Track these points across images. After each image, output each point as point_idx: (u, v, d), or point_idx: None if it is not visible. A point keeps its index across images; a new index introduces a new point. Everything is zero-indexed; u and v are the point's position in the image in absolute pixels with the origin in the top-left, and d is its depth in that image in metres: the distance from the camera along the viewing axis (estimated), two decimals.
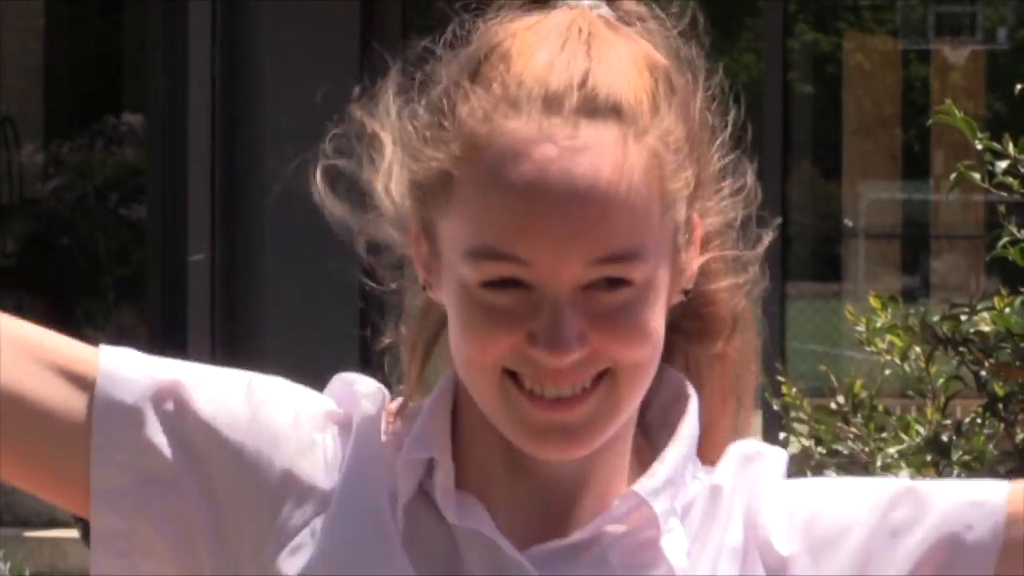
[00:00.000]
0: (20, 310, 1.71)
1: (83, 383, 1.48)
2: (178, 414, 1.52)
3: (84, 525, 5.78)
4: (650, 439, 1.52)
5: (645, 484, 1.44)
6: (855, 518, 1.55)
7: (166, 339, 10.94)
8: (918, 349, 5.25)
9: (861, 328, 5.49)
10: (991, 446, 5.02)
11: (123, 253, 12.45)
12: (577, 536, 1.44)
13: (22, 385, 1.49)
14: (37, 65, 13.87)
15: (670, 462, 1.47)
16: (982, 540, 1.52)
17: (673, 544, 1.45)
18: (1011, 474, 4.78)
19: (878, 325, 5.33)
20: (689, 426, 1.49)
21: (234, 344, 10.75)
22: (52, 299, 13.30)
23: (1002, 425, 5.04)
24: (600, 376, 1.37)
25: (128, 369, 1.54)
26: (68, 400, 1.49)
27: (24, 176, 13.84)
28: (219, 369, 1.61)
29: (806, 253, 10.02)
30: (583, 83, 1.38)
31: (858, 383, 5.36)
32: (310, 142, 1.44)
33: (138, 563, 1.49)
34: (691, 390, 1.50)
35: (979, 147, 4.97)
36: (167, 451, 1.49)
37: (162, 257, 11.45)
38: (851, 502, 1.57)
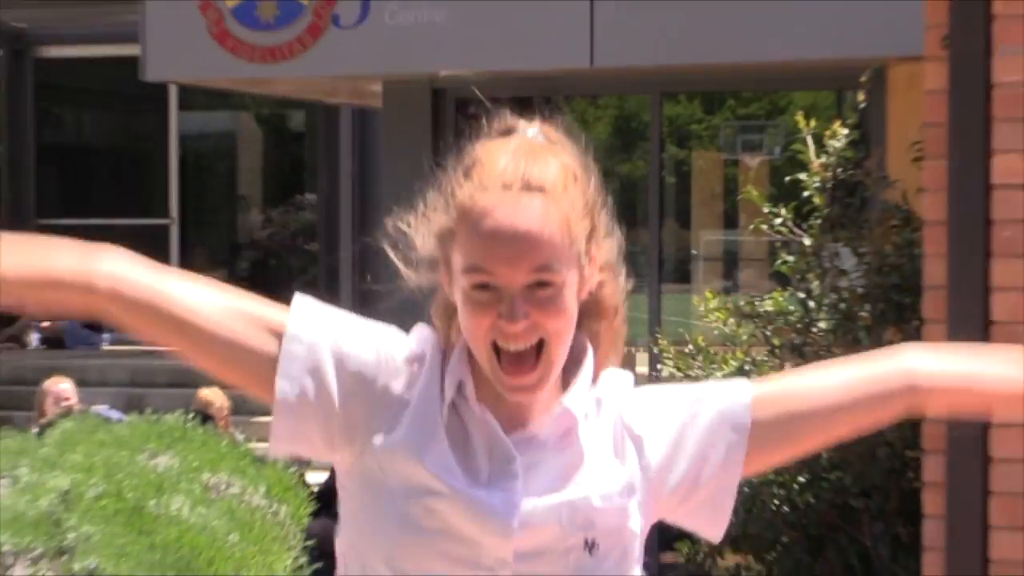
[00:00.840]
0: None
1: (276, 332, 2.00)
2: (325, 354, 2.00)
3: None
4: (567, 373, 1.99)
5: (568, 399, 1.99)
6: (676, 408, 2.11)
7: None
8: (732, 320, 7.80)
9: (702, 309, 8.30)
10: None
11: (304, 270, 19.57)
12: (533, 429, 2.00)
13: (246, 334, 2.02)
14: (259, 165, 21.23)
15: (580, 387, 2.00)
16: (739, 408, 2.11)
17: (584, 430, 2.01)
18: None
19: (711, 307, 8.02)
20: (587, 367, 2.00)
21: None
22: (266, 294, 18.58)
23: (778, 361, 7.39)
24: (539, 347, 1.88)
25: (304, 325, 2.05)
26: (266, 342, 2.00)
27: (251, 227, 20.96)
28: (361, 320, 2.09)
29: (673, 268, 13.87)
30: (523, 175, 1.90)
31: (699, 338, 7.90)
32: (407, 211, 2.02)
33: (299, 439, 2.01)
34: (589, 346, 2.02)
35: (765, 210, 7.90)
36: (322, 376, 1.98)
37: (326, 272, 18.47)
38: (673, 399, 2.13)
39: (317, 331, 2.10)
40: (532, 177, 1.99)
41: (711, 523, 2.20)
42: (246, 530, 7.75)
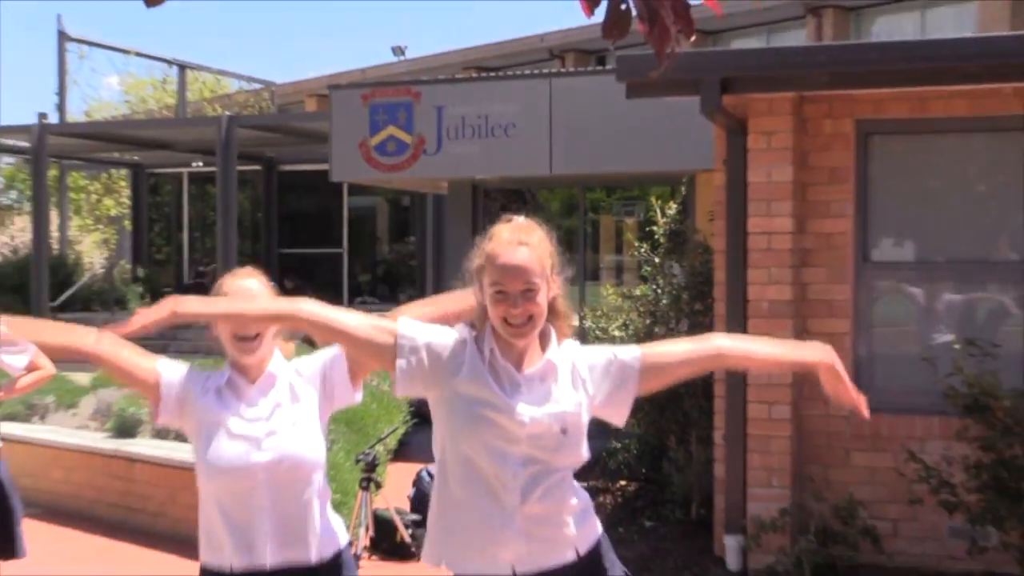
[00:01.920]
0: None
1: (392, 333, 2.61)
2: (420, 344, 2.62)
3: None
4: (542, 343, 2.66)
5: (548, 353, 2.61)
6: (601, 360, 2.74)
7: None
8: (619, 299, 9.03)
9: (605, 294, 10.08)
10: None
11: (409, 276, 21.47)
12: (528, 371, 2.61)
13: (379, 338, 2.64)
14: (386, 222, 23.78)
15: (552, 350, 2.64)
16: (633, 360, 2.73)
17: (559, 378, 2.62)
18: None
19: (609, 293, 9.65)
20: (554, 341, 2.66)
21: None
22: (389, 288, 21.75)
23: (642, 320, 8.38)
24: (528, 320, 2.56)
25: (407, 330, 2.62)
26: (387, 340, 2.62)
27: (383, 254, 23.51)
28: (432, 325, 2.72)
29: (591, 273, 14.17)
30: (518, 237, 2.59)
31: (603, 308, 9.21)
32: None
33: (410, 389, 2.65)
34: (553, 330, 2.68)
35: (637, 244, 9.20)
36: (419, 357, 2.60)
37: (420, 277, 20.26)
38: (600, 355, 2.76)
39: (414, 333, 2.68)
40: (522, 238, 2.63)
41: (619, 417, 2.79)
42: (379, 402, 8.95)
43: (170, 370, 3.01)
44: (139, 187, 23.34)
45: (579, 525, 2.71)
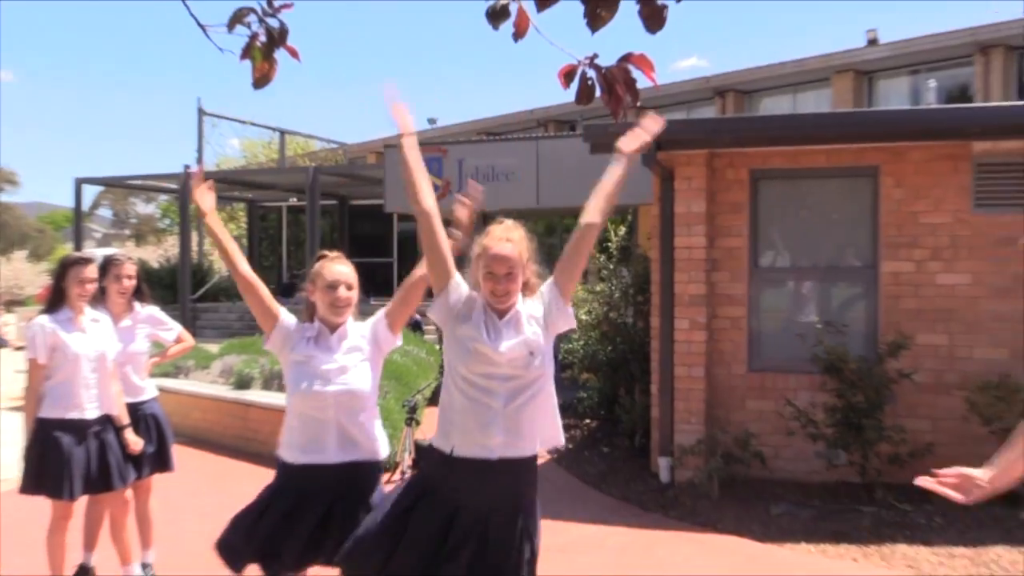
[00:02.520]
0: None
1: (451, 276, 2.60)
2: (459, 285, 2.63)
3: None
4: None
5: (517, 306, 2.60)
6: (540, 299, 2.67)
7: None
8: (584, 293, 8.65)
9: (576, 291, 7.07)
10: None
11: None
12: (504, 320, 2.60)
13: (450, 267, 2.61)
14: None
15: (519, 303, 2.62)
16: (550, 285, 2.64)
17: (523, 320, 2.60)
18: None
19: (578, 291, 8.15)
20: (523, 300, 2.62)
21: None
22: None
23: (599, 308, 8.39)
24: (507, 294, 2.55)
25: (459, 280, 2.64)
26: (451, 273, 2.59)
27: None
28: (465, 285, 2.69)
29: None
30: (505, 235, 2.57)
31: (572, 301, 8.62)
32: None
33: (439, 318, 2.65)
34: (522, 295, 2.63)
35: (597, 254, 8.37)
36: (451, 299, 2.62)
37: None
38: (539, 296, 2.65)
39: (460, 283, 2.69)
40: (508, 236, 2.64)
41: (565, 323, 2.73)
42: (419, 366, 8.91)
43: (286, 315, 3.03)
44: (252, 216, 23.58)
45: (544, 430, 2.65)
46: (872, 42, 19.86)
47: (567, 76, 1.88)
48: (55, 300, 4.02)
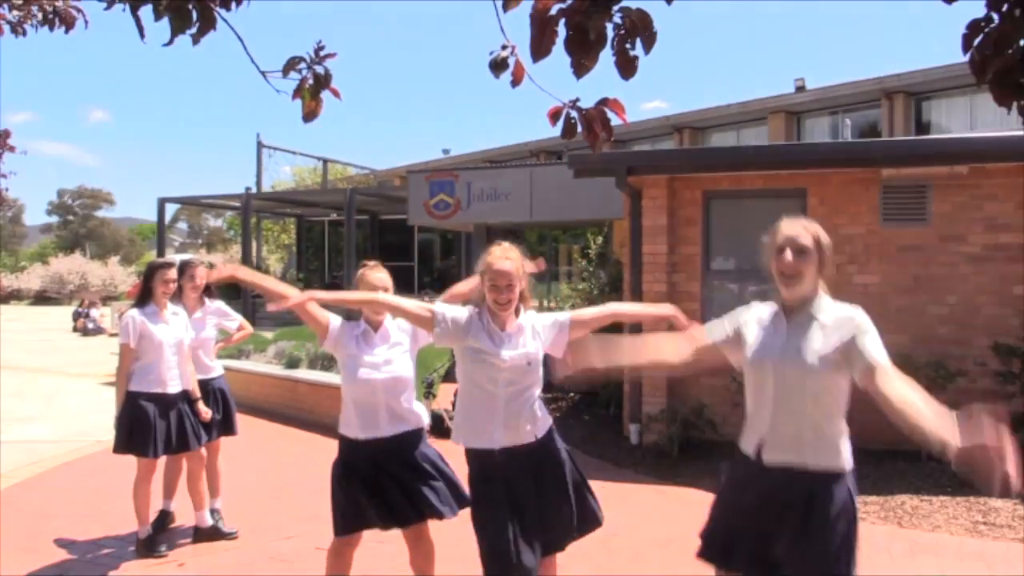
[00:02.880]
0: None
1: (430, 311, 2.45)
2: (449, 316, 2.48)
3: None
4: (515, 313, 2.47)
5: (519, 319, 2.45)
6: (548, 322, 2.58)
7: None
8: (569, 290, 9.59)
9: (562, 288, 10.37)
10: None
11: (448, 275, 17.81)
12: (507, 331, 2.44)
13: (418, 312, 2.47)
14: (438, 249, 21.19)
15: (520, 316, 2.47)
16: (565, 324, 2.56)
17: (525, 333, 2.45)
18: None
19: (565, 287, 10.54)
20: (523, 311, 2.48)
21: None
22: (432, 280, 19.80)
23: (581, 303, 8.08)
24: (508, 302, 2.42)
25: (441, 308, 2.46)
26: (426, 313, 2.47)
27: (432, 266, 21.31)
28: (454, 305, 2.55)
29: (554, 277, 13.38)
30: (504, 254, 2.39)
31: (560, 297, 9.36)
32: None
33: (444, 343, 2.54)
34: (522, 306, 2.48)
35: (579, 259, 8.75)
36: (448, 325, 2.45)
37: (451, 280, 18.57)
38: (547, 319, 2.58)
39: (444, 311, 2.59)
40: (506, 255, 2.56)
41: (559, 352, 2.57)
42: (432, 350, 8.39)
43: (335, 321, 2.97)
44: (300, 229, 23.50)
45: (537, 422, 2.59)
46: (800, 88, 19.95)
47: (554, 116, 1.89)
48: (143, 297, 4.06)
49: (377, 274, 2.99)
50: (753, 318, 2.26)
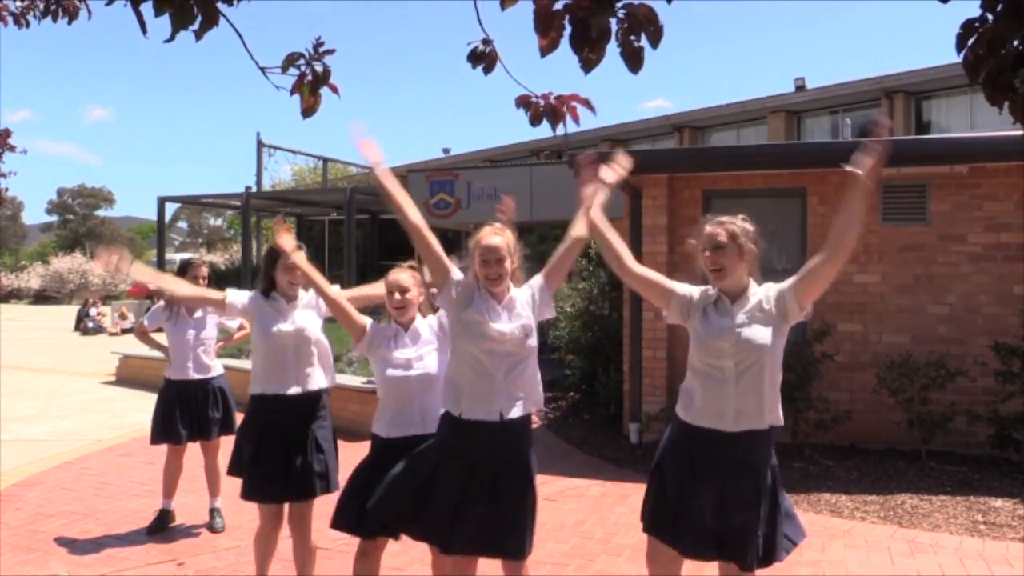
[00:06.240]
0: None
1: (448, 271, 2.49)
2: (450, 289, 2.48)
3: None
4: (508, 289, 2.47)
5: (511, 292, 2.49)
6: (532, 288, 2.56)
7: None
8: (570, 289, 8.20)
9: (564, 288, 8.02)
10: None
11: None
12: (502, 304, 2.46)
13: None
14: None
15: (512, 290, 2.50)
16: (541, 281, 2.56)
17: (517, 304, 2.48)
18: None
19: (566, 286, 8.14)
20: (514, 287, 2.47)
21: None
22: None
23: (579, 302, 7.88)
24: (498, 277, 2.42)
25: (457, 275, 2.51)
26: (446, 272, 2.45)
27: None
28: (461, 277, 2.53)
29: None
30: (495, 230, 2.43)
31: (562, 293, 8.05)
32: None
33: (445, 307, 2.52)
34: (511, 283, 2.52)
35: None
36: (452, 293, 2.48)
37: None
38: (530, 286, 2.54)
39: (457, 276, 2.61)
40: (497, 232, 2.60)
41: (549, 312, 2.62)
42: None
43: (371, 324, 2.98)
44: (300, 228, 23.23)
45: (534, 394, 2.57)
46: (800, 88, 19.94)
47: (523, 103, 2.03)
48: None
49: (395, 275, 2.99)
50: (709, 300, 2.50)
